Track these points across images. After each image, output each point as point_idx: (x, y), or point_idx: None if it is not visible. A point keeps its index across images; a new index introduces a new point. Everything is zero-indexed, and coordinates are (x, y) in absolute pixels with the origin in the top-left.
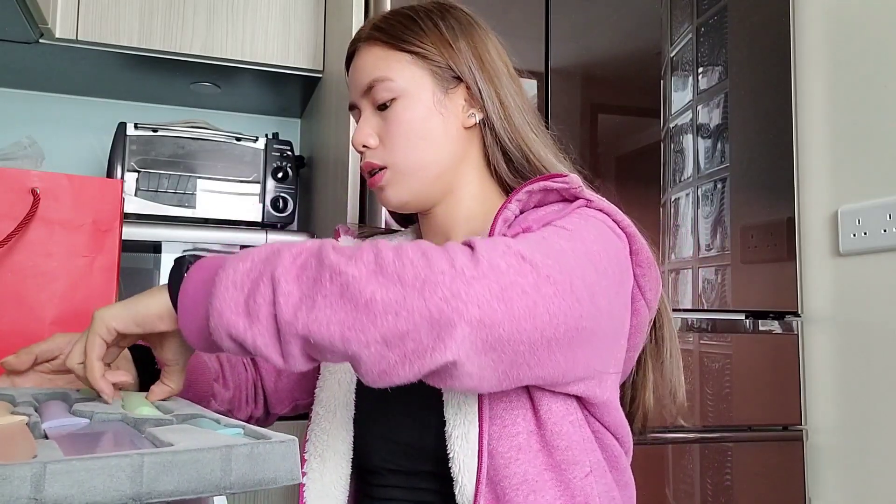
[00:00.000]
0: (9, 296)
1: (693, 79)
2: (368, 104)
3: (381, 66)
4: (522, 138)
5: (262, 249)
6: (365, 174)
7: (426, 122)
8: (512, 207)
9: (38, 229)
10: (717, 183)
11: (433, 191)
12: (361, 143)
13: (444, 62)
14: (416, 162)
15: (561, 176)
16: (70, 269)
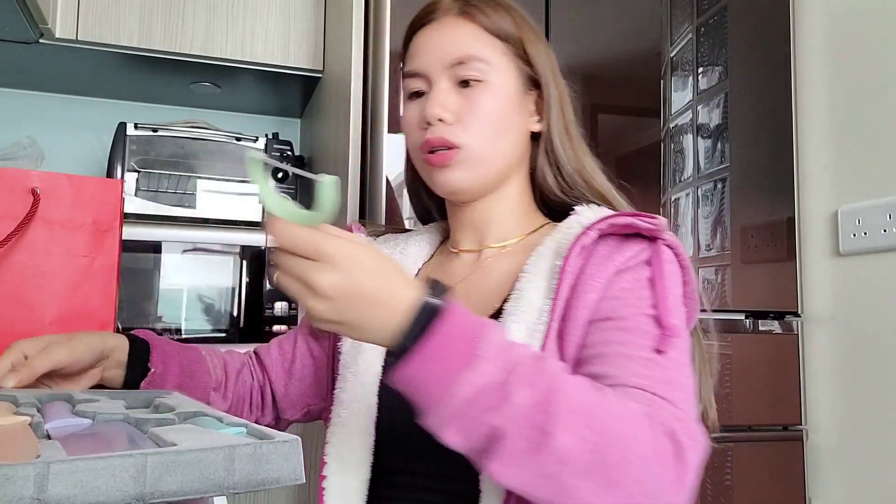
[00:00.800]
0: (9, 296)
1: (693, 79)
2: (449, 78)
3: (476, 46)
4: (580, 158)
5: (525, 363)
6: (424, 151)
7: (508, 113)
8: (592, 235)
9: (38, 229)
10: (717, 183)
11: (491, 184)
12: (437, 116)
13: (531, 64)
14: (491, 149)
15: (650, 217)
16: (70, 269)
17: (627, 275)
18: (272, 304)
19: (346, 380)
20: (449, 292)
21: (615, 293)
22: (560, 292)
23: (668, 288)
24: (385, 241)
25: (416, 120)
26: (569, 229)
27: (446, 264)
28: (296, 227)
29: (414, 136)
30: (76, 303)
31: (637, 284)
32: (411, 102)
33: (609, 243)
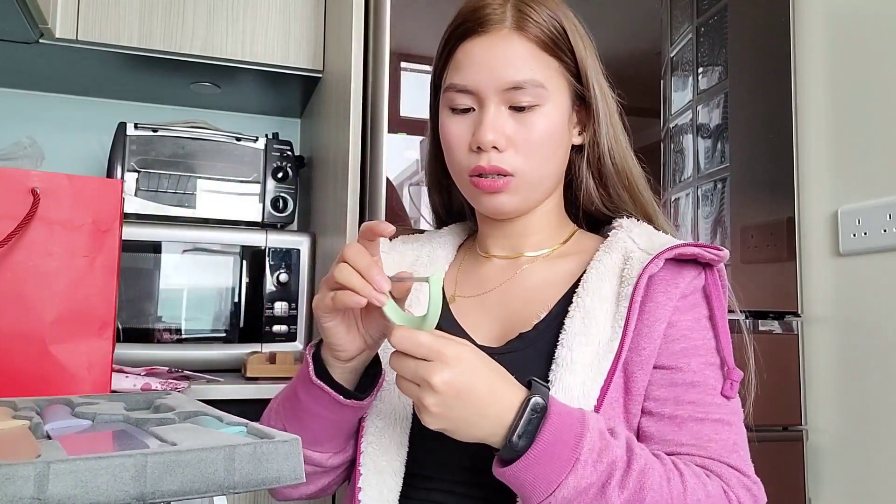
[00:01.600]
0: (9, 296)
1: (693, 79)
2: (502, 100)
3: (535, 68)
4: (629, 173)
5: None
6: (472, 176)
7: (560, 135)
8: (659, 264)
9: (38, 229)
10: (717, 183)
11: (537, 203)
12: (492, 143)
13: (584, 79)
14: (543, 174)
15: (715, 248)
16: (70, 269)
17: (689, 311)
18: (272, 304)
19: (384, 388)
20: (546, 392)
21: (681, 331)
22: (630, 321)
23: (725, 322)
24: (404, 245)
25: (465, 140)
26: (625, 248)
27: (478, 268)
28: (415, 332)
29: (460, 157)
30: (76, 303)
31: (699, 324)
32: (456, 117)
33: (668, 268)
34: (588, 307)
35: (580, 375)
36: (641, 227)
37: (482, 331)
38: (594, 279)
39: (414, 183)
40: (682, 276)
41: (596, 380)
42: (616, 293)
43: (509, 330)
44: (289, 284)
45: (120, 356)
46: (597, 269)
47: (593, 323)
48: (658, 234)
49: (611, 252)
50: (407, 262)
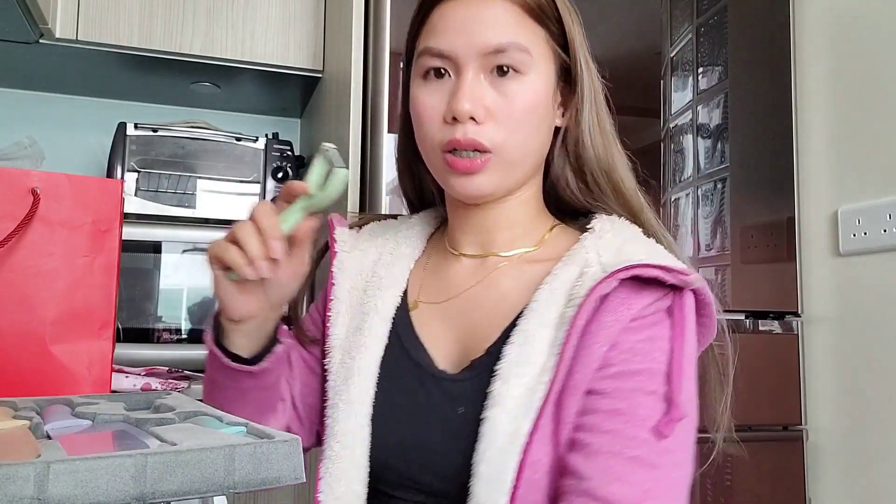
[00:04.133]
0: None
1: (693, 79)
2: (482, 67)
3: (519, 33)
4: (612, 162)
5: None
6: (445, 149)
7: (544, 110)
8: (612, 284)
9: (38, 229)
10: (717, 183)
11: (513, 187)
12: (469, 114)
13: (571, 51)
14: (525, 152)
15: (681, 271)
16: (70, 269)
17: (645, 329)
18: None
19: (339, 409)
20: None
21: (622, 353)
22: (567, 347)
23: (688, 352)
24: (371, 238)
25: (438, 111)
26: (585, 261)
27: (444, 268)
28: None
29: (432, 130)
30: (76, 303)
31: (649, 346)
32: (429, 85)
33: (626, 287)
34: (529, 333)
35: (511, 413)
36: (617, 231)
37: (442, 349)
38: (543, 299)
39: None
40: (639, 297)
41: (527, 415)
42: (560, 315)
43: (468, 350)
44: None
45: (120, 356)
46: (549, 286)
47: (532, 351)
48: (632, 242)
49: (569, 265)
50: (369, 262)
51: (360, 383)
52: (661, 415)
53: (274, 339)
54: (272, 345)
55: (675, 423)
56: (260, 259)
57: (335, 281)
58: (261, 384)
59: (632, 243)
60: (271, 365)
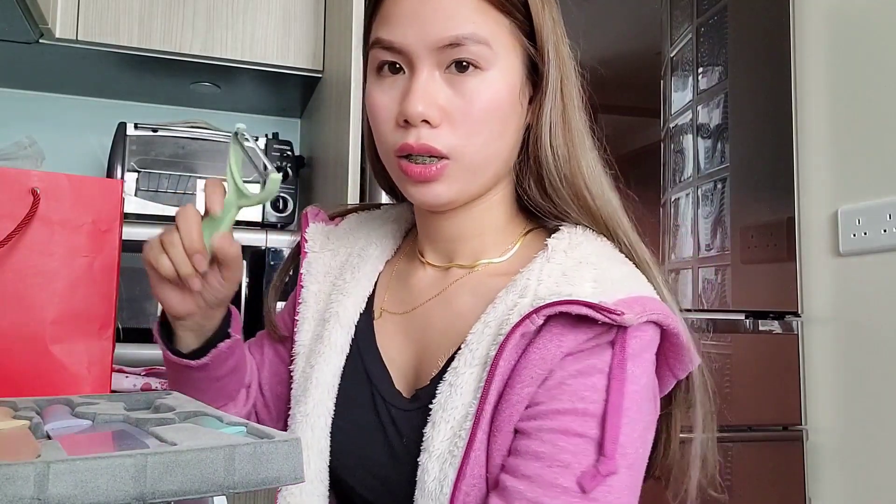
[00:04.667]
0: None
1: (693, 79)
2: (436, 62)
3: (478, 22)
4: (574, 164)
5: None
6: (398, 154)
7: (508, 108)
8: (537, 321)
9: (38, 229)
10: (717, 183)
11: (476, 194)
12: (422, 116)
13: (539, 41)
14: (487, 157)
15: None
16: (70, 269)
17: (573, 366)
18: None
19: (296, 420)
20: None
21: (550, 389)
22: (489, 392)
23: (628, 393)
24: (346, 235)
25: (391, 112)
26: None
27: (411, 275)
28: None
29: (386, 133)
30: (76, 303)
31: (581, 383)
32: (382, 81)
33: (559, 322)
34: (459, 371)
35: (437, 461)
36: (573, 251)
37: (401, 366)
38: (478, 332)
39: None
40: (574, 332)
41: (453, 463)
42: (486, 354)
43: (420, 372)
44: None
45: (120, 356)
46: (487, 317)
47: (457, 394)
48: (585, 265)
49: (510, 292)
50: (337, 263)
51: (317, 396)
52: (588, 463)
53: (223, 333)
54: (220, 339)
55: (602, 479)
56: (186, 273)
57: (303, 283)
58: (209, 376)
59: (583, 267)
60: (213, 360)
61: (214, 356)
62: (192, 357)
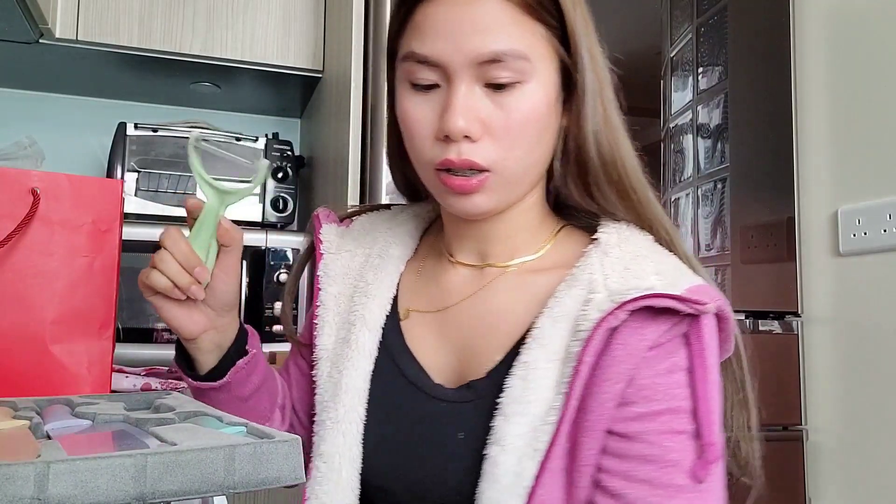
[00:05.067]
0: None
1: (693, 79)
2: (475, 77)
3: (516, 36)
4: (621, 166)
5: None
6: (440, 169)
7: (547, 118)
8: (620, 317)
9: (38, 229)
10: (717, 183)
11: (515, 201)
12: (464, 132)
13: (571, 45)
14: (526, 167)
15: (695, 301)
16: (70, 269)
17: (658, 363)
18: (272, 304)
19: (326, 426)
20: None
21: (642, 391)
22: (575, 386)
23: (711, 381)
24: (360, 237)
25: (430, 126)
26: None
27: (440, 273)
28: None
29: (423, 147)
30: (76, 303)
31: (669, 380)
32: (418, 95)
33: (640, 312)
34: (532, 365)
35: (514, 454)
36: (626, 245)
37: (436, 361)
38: (547, 327)
39: None
40: (654, 325)
41: (533, 457)
42: (566, 348)
43: (465, 368)
44: None
45: (120, 356)
46: (551, 311)
47: (535, 387)
48: (642, 257)
49: (573, 287)
50: (356, 265)
51: (348, 401)
52: (693, 456)
53: (240, 350)
54: (238, 357)
55: (711, 466)
56: (185, 284)
57: (321, 286)
58: (234, 396)
59: (641, 260)
60: (234, 378)
61: (234, 373)
62: (213, 378)
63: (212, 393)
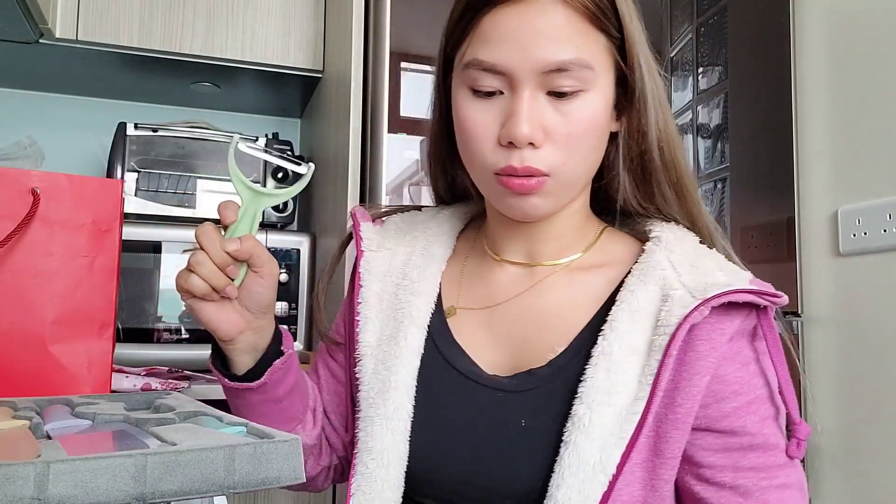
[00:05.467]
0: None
1: (693, 79)
2: (539, 85)
3: (581, 46)
4: (678, 163)
5: None
6: (500, 175)
7: (604, 126)
8: (704, 312)
9: (38, 229)
10: (717, 183)
11: (568, 203)
12: (529, 139)
13: (629, 55)
14: (581, 172)
15: (773, 294)
16: (70, 269)
17: (737, 358)
18: None
19: (374, 423)
20: None
21: (731, 387)
22: (661, 377)
23: (783, 366)
24: (399, 236)
25: (492, 132)
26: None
27: (485, 273)
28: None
29: (484, 152)
30: (76, 303)
31: (748, 370)
32: (480, 102)
33: (717, 309)
34: (615, 357)
35: (598, 441)
36: (683, 243)
37: (487, 355)
38: (625, 320)
39: (414, 183)
40: (729, 320)
41: (617, 445)
42: (648, 341)
43: (519, 360)
44: (289, 284)
45: (120, 356)
46: (628, 305)
47: (619, 378)
48: (702, 256)
49: (646, 283)
50: (398, 262)
51: (397, 398)
52: (786, 437)
53: (277, 351)
54: (274, 357)
55: (803, 442)
56: (221, 286)
57: (363, 283)
58: (269, 398)
59: (702, 258)
60: (271, 379)
61: (271, 374)
62: (250, 380)
63: (247, 394)
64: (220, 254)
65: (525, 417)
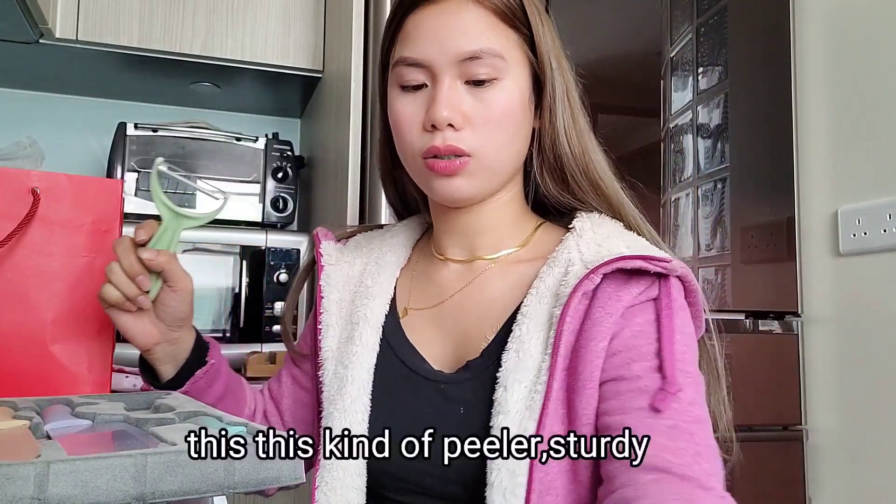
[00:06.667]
0: (9, 296)
1: (693, 79)
2: (457, 74)
3: (492, 38)
4: (588, 158)
5: None
6: (425, 155)
7: (520, 114)
8: (595, 280)
9: (38, 229)
10: (717, 183)
11: (494, 190)
12: (447, 121)
13: (539, 53)
14: (503, 157)
15: (661, 260)
16: (70, 269)
17: (637, 317)
18: (272, 304)
19: (334, 417)
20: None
21: (624, 340)
22: (559, 346)
23: (677, 333)
24: (357, 249)
25: (417, 119)
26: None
27: (432, 273)
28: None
29: (412, 139)
30: (76, 303)
31: (644, 328)
32: (407, 96)
33: (613, 280)
34: (524, 337)
35: (516, 418)
36: (599, 229)
37: (435, 351)
38: (533, 304)
39: None
40: (627, 289)
41: (531, 418)
42: (549, 316)
43: (461, 352)
44: (289, 284)
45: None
46: (537, 290)
47: (527, 355)
48: (613, 237)
49: (553, 266)
50: (355, 273)
51: (353, 391)
52: (657, 387)
53: (199, 361)
54: (197, 367)
55: (670, 398)
56: (132, 295)
57: (323, 294)
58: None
59: (613, 238)
60: (192, 387)
61: (193, 382)
62: (173, 388)
63: None
64: (131, 263)
65: (462, 406)
